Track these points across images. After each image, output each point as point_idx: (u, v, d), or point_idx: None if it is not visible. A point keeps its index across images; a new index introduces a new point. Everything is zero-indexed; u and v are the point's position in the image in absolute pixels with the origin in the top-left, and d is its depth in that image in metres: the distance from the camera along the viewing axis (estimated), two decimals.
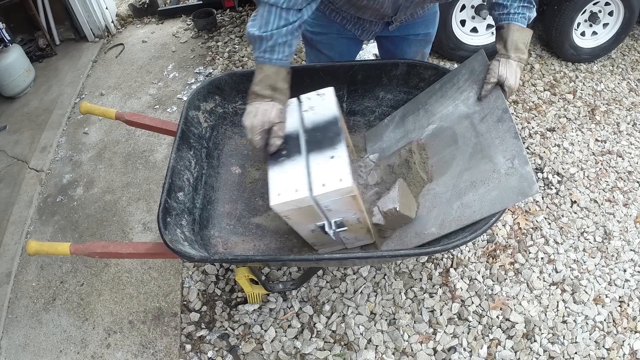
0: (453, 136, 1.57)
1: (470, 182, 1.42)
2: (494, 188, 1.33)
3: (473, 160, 1.45)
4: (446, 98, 1.67)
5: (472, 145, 1.48)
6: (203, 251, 1.61)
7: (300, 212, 1.33)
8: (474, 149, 1.46)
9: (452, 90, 1.65)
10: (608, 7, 3.16)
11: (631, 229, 2.32)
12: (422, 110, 1.75)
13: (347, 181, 1.23)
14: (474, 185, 1.40)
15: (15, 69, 3.27)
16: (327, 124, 1.42)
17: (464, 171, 1.46)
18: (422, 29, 1.84)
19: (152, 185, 2.63)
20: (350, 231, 1.50)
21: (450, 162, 1.53)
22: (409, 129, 1.77)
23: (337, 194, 1.26)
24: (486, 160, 1.40)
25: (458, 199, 1.43)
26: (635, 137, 2.82)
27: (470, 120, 1.52)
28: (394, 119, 1.88)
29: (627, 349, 1.90)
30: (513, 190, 1.28)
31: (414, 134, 1.73)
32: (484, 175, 1.38)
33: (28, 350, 1.97)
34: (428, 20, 1.84)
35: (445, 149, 1.57)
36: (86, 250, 1.50)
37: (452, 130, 1.58)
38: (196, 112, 1.86)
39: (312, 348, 1.88)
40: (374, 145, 1.90)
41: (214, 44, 3.78)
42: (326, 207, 1.33)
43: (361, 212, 1.39)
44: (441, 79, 1.73)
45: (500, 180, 1.33)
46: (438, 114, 1.67)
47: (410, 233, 1.53)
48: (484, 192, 1.36)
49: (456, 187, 1.46)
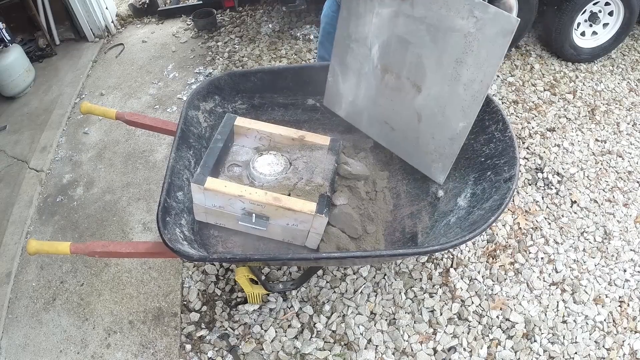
0: (401, 40, 1.47)
1: (456, 61, 1.32)
2: (481, 48, 1.24)
3: (439, 43, 1.34)
4: (362, 15, 1.55)
5: (424, 32, 1.37)
6: (202, 250, 1.61)
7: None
8: (430, 33, 1.35)
9: (362, 5, 1.54)
10: (608, 7, 3.16)
11: (631, 229, 2.32)
12: (353, 43, 1.64)
13: None
14: (461, 61, 1.30)
15: (15, 69, 3.27)
16: None
17: (441, 58, 1.36)
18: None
19: (152, 185, 2.63)
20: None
21: (421, 61, 1.43)
22: (359, 68, 1.67)
23: None
24: (449, 32, 1.29)
25: (459, 83, 1.34)
26: (635, 137, 2.82)
27: (403, 14, 1.41)
28: (335, 72, 1.80)
29: (627, 349, 1.90)
30: (497, 35, 1.18)
31: (366, 68, 1.64)
32: (461, 47, 1.28)
33: (28, 350, 1.97)
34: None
35: (405, 56, 1.48)
36: (86, 250, 1.50)
37: (395, 36, 1.48)
38: (196, 112, 1.86)
39: (312, 348, 1.88)
40: (340, 108, 1.88)
41: (214, 44, 3.78)
42: None
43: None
44: (342, 3, 1.61)
45: (478, 38, 1.23)
46: (370, 34, 1.56)
47: (444, 140, 1.50)
48: (473, 60, 1.27)
49: (447, 75, 1.36)
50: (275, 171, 1.76)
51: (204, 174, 1.62)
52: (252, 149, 1.91)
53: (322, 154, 1.83)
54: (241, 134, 1.88)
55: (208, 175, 1.62)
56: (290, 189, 1.69)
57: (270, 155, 1.82)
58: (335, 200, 1.77)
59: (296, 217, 1.60)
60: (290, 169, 1.78)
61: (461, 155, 1.79)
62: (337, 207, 1.76)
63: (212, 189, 1.59)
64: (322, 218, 1.58)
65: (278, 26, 3.87)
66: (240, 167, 1.83)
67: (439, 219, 1.70)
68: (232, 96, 1.98)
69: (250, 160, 1.80)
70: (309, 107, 2.05)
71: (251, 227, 1.68)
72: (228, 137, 1.81)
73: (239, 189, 1.61)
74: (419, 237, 1.73)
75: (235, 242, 1.83)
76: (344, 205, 1.77)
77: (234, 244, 1.82)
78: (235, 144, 1.92)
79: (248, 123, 1.86)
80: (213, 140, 1.77)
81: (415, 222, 1.80)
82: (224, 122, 1.84)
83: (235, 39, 3.79)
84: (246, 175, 1.77)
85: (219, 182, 1.62)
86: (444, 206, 1.74)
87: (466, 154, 1.77)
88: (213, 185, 1.60)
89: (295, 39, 3.68)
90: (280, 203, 1.58)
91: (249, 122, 1.87)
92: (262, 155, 1.83)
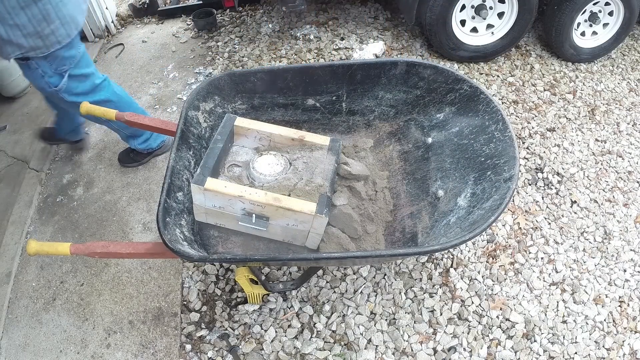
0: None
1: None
2: None
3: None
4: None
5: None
6: (202, 251, 1.61)
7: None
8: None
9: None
10: (608, 7, 3.16)
11: (631, 229, 2.32)
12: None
13: None
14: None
15: (15, 69, 3.26)
16: None
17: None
18: None
19: (152, 185, 2.63)
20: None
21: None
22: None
23: None
24: None
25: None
26: (635, 137, 2.82)
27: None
28: None
29: (627, 349, 1.90)
30: None
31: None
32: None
33: (28, 350, 1.97)
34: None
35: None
36: (86, 250, 1.50)
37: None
38: (196, 112, 1.86)
39: (312, 348, 1.88)
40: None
41: (214, 44, 3.78)
42: None
43: None
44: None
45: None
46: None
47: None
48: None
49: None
50: (275, 171, 1.76)
51: (203, 174, 1.62)
52: (252, 150, 1.91)
53: (322, 154, 1.83)
54: (241, 134, 1.88)
55: (208, 175, 1.62)
56: (290, 190, 1.69)
57: (270, 156, 1.82)
58: (335, 201, 1.77)
59: (296, 218, 1.60)
60: (290, 169, 1.78)
61: (461, 155, 1.79)
62: (337, 208, 1.76)
63: (212, 189, 1.59)
64: (322, 218, 1.58)
65: (278, 26, 3.87)
66: (240, 167, 1.83)
67: (439, 219, 1.70)
68: (232, 96, 1.98)
69: (250, 161, 1.80)
70: (309, 107, 2.05)
71: (251, 228, 1.68)
72: (228, 137, 1.81)
73: (239, 189, 1.61)
74: (419, 237, 1.73)
75: (235, 243, 1.83)
76: (344, 205, 1.77)
77: (234, 244, 1.82)
78: (235, 144, 1.92)
79: (248, 123, 1.86)
80: (213, 140, 1.77)
81: (415, 222, 1.80)
82: (224, 122, 1.84)
83: (235, 39, 3.79)
84: (246, 175, 1.77)
85: (218, 183, 1.62)
86: (444, 206, 1.74)
87: (466, 154, 1.77)
88: (213, 185, 1.60)
89: (295, 39, 3.68)
90: (280, 203, 1.58)
91: (248, 123, 1.86)
92: (262, 155, 1.83)
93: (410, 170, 1.96)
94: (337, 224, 1.76)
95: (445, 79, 1.86)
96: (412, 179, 1.94)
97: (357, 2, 4.08)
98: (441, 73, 1.85)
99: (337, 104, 2.05)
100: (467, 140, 1.79)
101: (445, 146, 1.88)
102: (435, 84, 1.89)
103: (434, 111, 1.95)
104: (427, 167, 1.90)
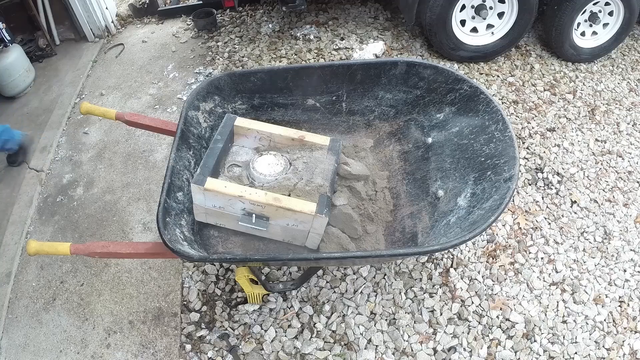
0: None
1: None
2: None
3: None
4: None
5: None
6: (202, 251, 1.61)
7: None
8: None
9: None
10: (608, 7, 3.16)
11: (631, 229, 2.32)
12: None
13: None
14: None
15: (15, 69, 3.27)
16: None
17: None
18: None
19: (152, 185, 2.63)
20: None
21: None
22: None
23: None
24: None
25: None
26: (635, 137, 2.82)
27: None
28: None
29: (627, 349, 1.90)
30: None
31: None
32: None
33: (28, 350, 1.97)
34: None
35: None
36: (86, 250, 1.50)
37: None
38: (195, 112, 1.86)
39: (312, 348, 1.88)
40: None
41: (214, 44, 3.78)
42: None
43: None
44: None
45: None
46: None
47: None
48: None
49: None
50: (275, 171, 1.76)
51: (203, 174, 1.62)
52: (252, 150, 1.91)
53: (322, 154, 1.83)
54: (241, 134, 1.88)
55: (208, 175, 1.62)
56: (291, 190, 1.69)
57: (270, 156, 1.82)
58: (335, 201, 1.77)
59: (296, 218, 1.60)
60: (290, 169, 1.78)
61: (461, 155, 1.79)
62: (337, 208, 1.76)
63: (212, 189, 1.59)
64: (322, 218, 1.58)
65: (278, 26, 3.87)
66: (240, 167, 1.83)
67: (439, 219, 1.70)
68: (231, 96, 1.98)
69: (250, 161, 1.80)
70: (309, 107, 2.05)
71: (251, 228, 1.68)
72: (228, 137, 1.81)
73: (239, 189, 1.61)
74: (419, 237, 1.73)
75: (235, 243, 1.83)
76: (344, 205, 1.77)
77: (234, 244, 1.82)
78: (235, 144, 1.92)
79: (248, 123, 1.86)
80: (213, 140, 1.77)
81: (415, 222, 1.80)
82: (224, 122, 1.84)
83: (235, 39, 3.78)
84: (246, 175, 1.77)
85: (219, 183, 1.62)
86: (444, 206, 1.74)
87: (466, 154, 1.77)
88: (213, 185, 1.60)
89: (295, 39, 3.68)
90: (280, 203, 1.58)
91: (248, 123, 1.86)
92: (262, 155, 1.83)
93: (410, 170, 1.96)
94: (337, 224, 1.76)
95: (445, 79, 1.86)
96: (412, 179, 1.94)
97: (357, 2, 4.08)
98: (441, 73, 1.85)
99: (337, 104, 2.05)
100: (467, 140, 1.79)
101: (445, 146, 1.88)
102: (435, 84, 1.89)
103: (434, 111, 1.95)
104: (427, 167, 1.90)
